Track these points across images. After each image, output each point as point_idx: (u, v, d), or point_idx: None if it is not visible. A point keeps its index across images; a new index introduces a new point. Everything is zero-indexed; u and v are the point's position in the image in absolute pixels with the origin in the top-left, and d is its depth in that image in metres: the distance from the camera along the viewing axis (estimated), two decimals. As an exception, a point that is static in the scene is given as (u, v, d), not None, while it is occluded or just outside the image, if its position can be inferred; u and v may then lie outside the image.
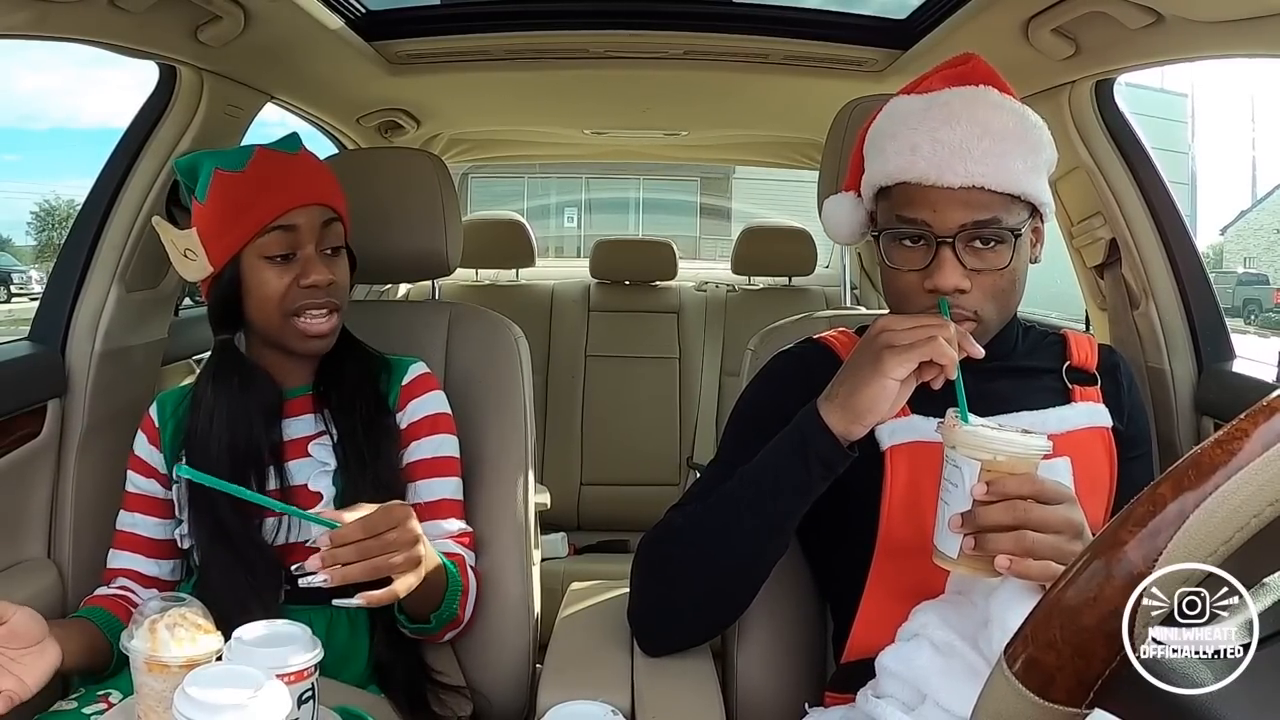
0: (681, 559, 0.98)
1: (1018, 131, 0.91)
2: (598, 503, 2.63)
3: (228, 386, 1.12)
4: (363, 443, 1.13)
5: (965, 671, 0.83)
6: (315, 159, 1.17)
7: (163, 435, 1.17)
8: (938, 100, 0.92)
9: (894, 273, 0.94)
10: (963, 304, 0.92)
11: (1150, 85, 12.89)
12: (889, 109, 0.97)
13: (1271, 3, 1.04)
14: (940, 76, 0.96)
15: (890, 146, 0.92)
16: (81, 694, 1.02)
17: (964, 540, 0.80)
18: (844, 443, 0.89)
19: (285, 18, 1.35)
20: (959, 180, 0.88)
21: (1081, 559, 0.44)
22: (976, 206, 0.89)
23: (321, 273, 1.10)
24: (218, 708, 0.70)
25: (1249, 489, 0.41)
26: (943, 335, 0.86)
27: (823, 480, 0.91)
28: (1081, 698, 0.43)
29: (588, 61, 1.78)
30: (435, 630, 1.11)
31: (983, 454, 0.80)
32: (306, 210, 1.10)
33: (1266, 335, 10.61)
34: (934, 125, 0.90)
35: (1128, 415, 1.03)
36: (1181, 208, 1.50)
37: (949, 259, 0.90)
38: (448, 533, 1.15)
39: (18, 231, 18.23)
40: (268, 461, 1.11)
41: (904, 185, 0.92)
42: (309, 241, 1.10)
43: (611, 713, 0.89)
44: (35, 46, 2.50)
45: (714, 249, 9.13)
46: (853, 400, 0.88)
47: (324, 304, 1.11)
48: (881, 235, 0.95)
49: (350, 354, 1.19)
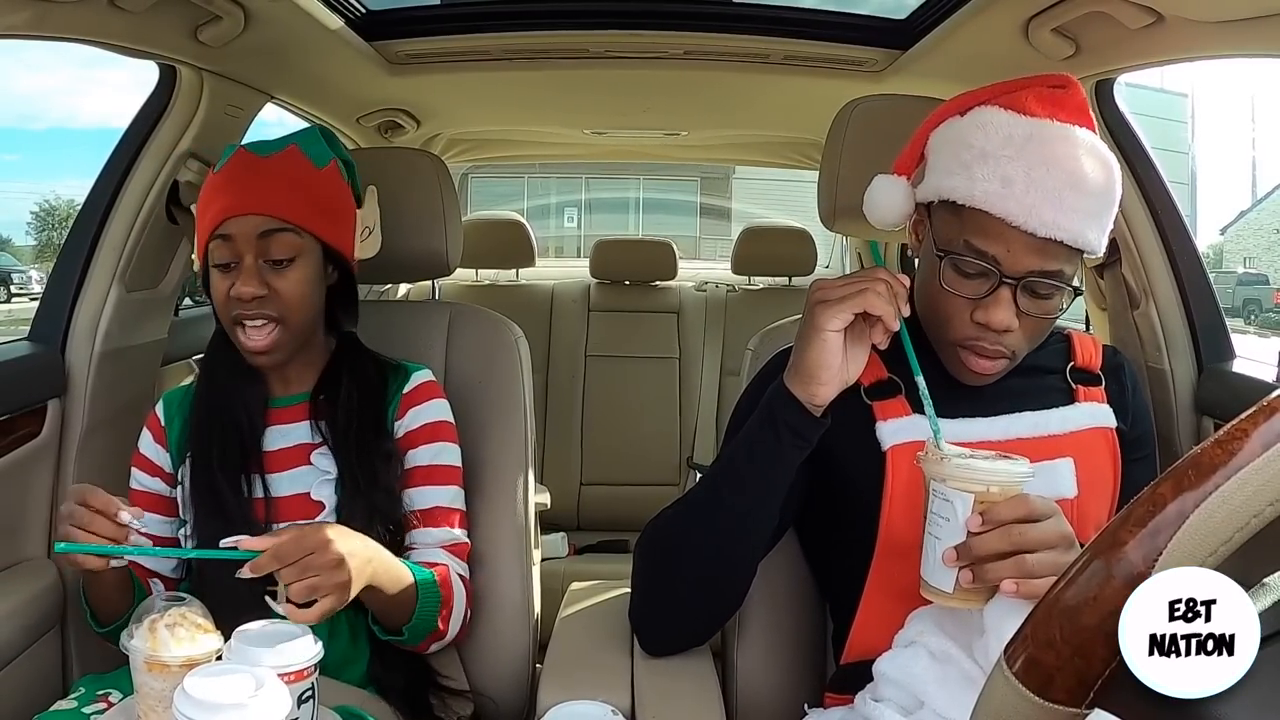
0: (671, 548, 0.98)
1: (1106, 187, 0.88)
2: (598, 503, 2.63)
3: (214, 382, 1.15)
4: (357, 468, 1.11)
5: (961, 679, 0.83)
6: (288, 161, 1.12)
7: (169, 434, 1.17)
8: (1040, 132, 0.87)
9: (944, 293, 0.92)
10: (1004, 341, 0.91)
11: (1150, 85, 12.88)
12: (981, 118, 0.90)
13: (1271, 3, 1.04)
14: (1037, 96, 0.89)
15: (979, 168, 0.87)
16: (81, 694, 1.02)
17: (960, 574, 0.79)
18: (812, 409, 0.89)
19: (285, 18, 1.35)
20: (1044, 230, 0.85)
21: (1081, 559, 0.44)
22: (1048, 256, 0.87)
23: (250, 285, 1.06)
24: (218, 707, 0.70)
25: (1249, 489, 0.41)
26: (873, 289, 0.85)
27: (794, 449, 0.91)
28: (1081, 698, 0.42)
29: (588, 61, 1.78)
30: (412, 642, 1.10)
31: (975, 486, 0.79)
32: (242, 220, 1.07)
33: (1266, 335, 10.61)
34: (1032, 162, 0.85)
35: (1132, 417, 1.03)
36: (1181, 208, 1.49)
37: (1007, 299, 0.88)
38: (437, 541, 1.14)
39: (18, 231, 18.26)
40: (253, 470, 1.11)
41: (983, 213, 0.87)
42: (247, 252, 1.07)
43: (611, 713, 0.89)
44: (34, 46, 2.49)
45: (714, 249, 9.14)
46: (801, 362, 0.89)
47: (256, 315, 1.08)
48: (945, 258, 0.90)
49: (351, 367, 1.17)
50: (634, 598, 1.05)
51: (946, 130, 0.93)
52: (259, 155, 1.11)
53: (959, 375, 0.96)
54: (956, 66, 1.55)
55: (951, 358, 0.95)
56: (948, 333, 0.93)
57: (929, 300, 0.95)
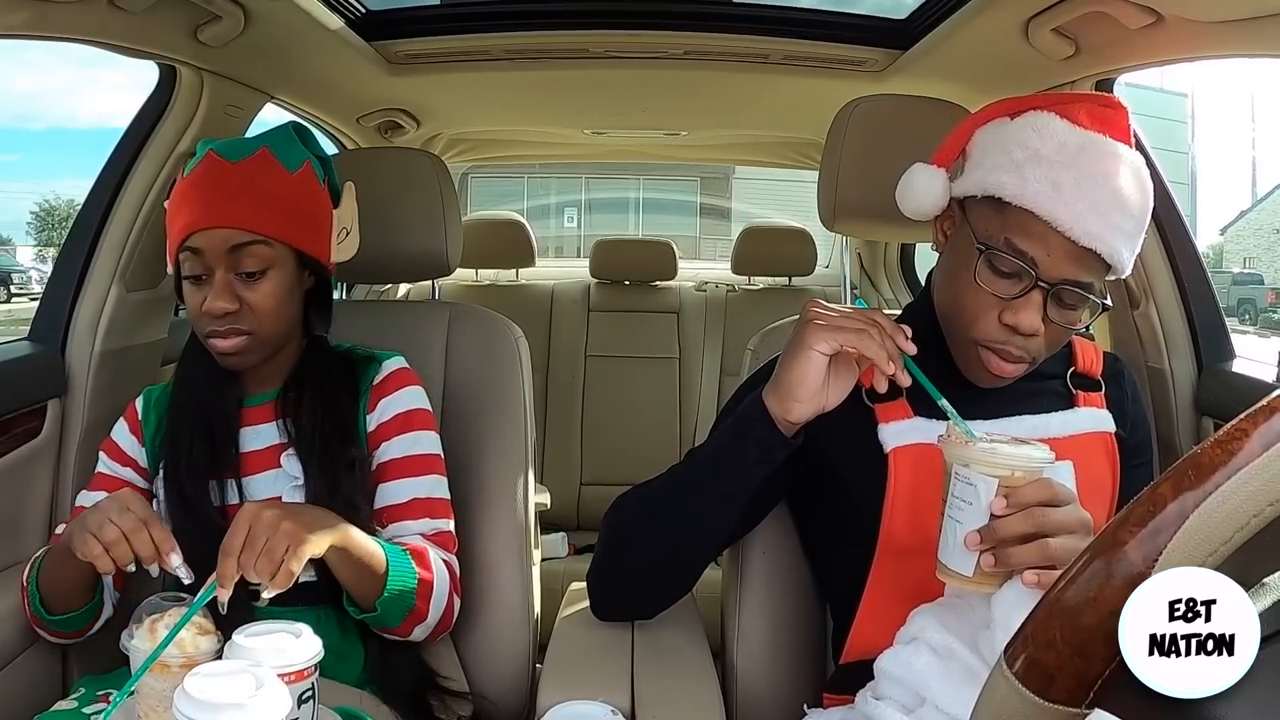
0: (626, 531, 1.01)
1: (1143, 210, 0.89)
2: (598, 503, 2.62)
3: (192, 386, 1.12)
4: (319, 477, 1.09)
5: (964, 674, 0.83)
6: (258, 168, 1.08)
7: (145, 428, 1.15)
8: (1094, 146, 0.88)
9: (975, 289, 0.91)
10: (1025, 346, 0.91)
11: (1150, 85, 12.91)
12: (1034, 122, 0.90)
13: (1271, 3, 1.04)
14: (1089, 112, 0.90)
15: (1031, 169, 0.87)
16: (81, 694, 1.02)
17: (982, 557, 0.79)
18: (783, 428, 0.89)
19: (285, 18, 1.35)
20: (1086, 240, 0.86)
21: (1081, 559, 0.44)
22: (1084, 267, 0.88)
23: (222, 299, 1.04)
24: (218, 707, 0.70)
25: (1249, 489, 0.41)
26: (869, 332, 0.85)
27: (760, 463, 0.91)
28: (1081, 698, 0.42)
29: (588, 61, 1.78)
30: (391, 623, 1.05)
31: (1000, 470, 0.78)
32: (211, 234, 1.04)
33: (1267, 335, 10.61)
34: (1083, 172, 0.86)
35: (1131, 423, 1.03)
36: (1181, 208, 1.50)
37: (1037, 304, 0.89)
38: (415, 532, 1.12)
39: (18, 231, 18.27)
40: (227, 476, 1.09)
41: (1028, 214, 0.87)
42: (217, 266, 1.05)
43: (611, 713, 0.89)
44: (32, 47, 2.49)
45: (714, 249, 9.15)
46: (782, 377, 0.89)
47: (229, 331, 1.06)
48: (985, 253, 0.90)
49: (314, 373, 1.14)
50: (593, 564, 1.06)
51: (996, 129, 0.93)
52: (229, 160, 1.07)
53: (973, 375, 0.95)
54: (956, 66, 1.55)
55: (970, 356, 0.95)
56: (971, 330, 0.93)
57: (955, 295, 0.94)
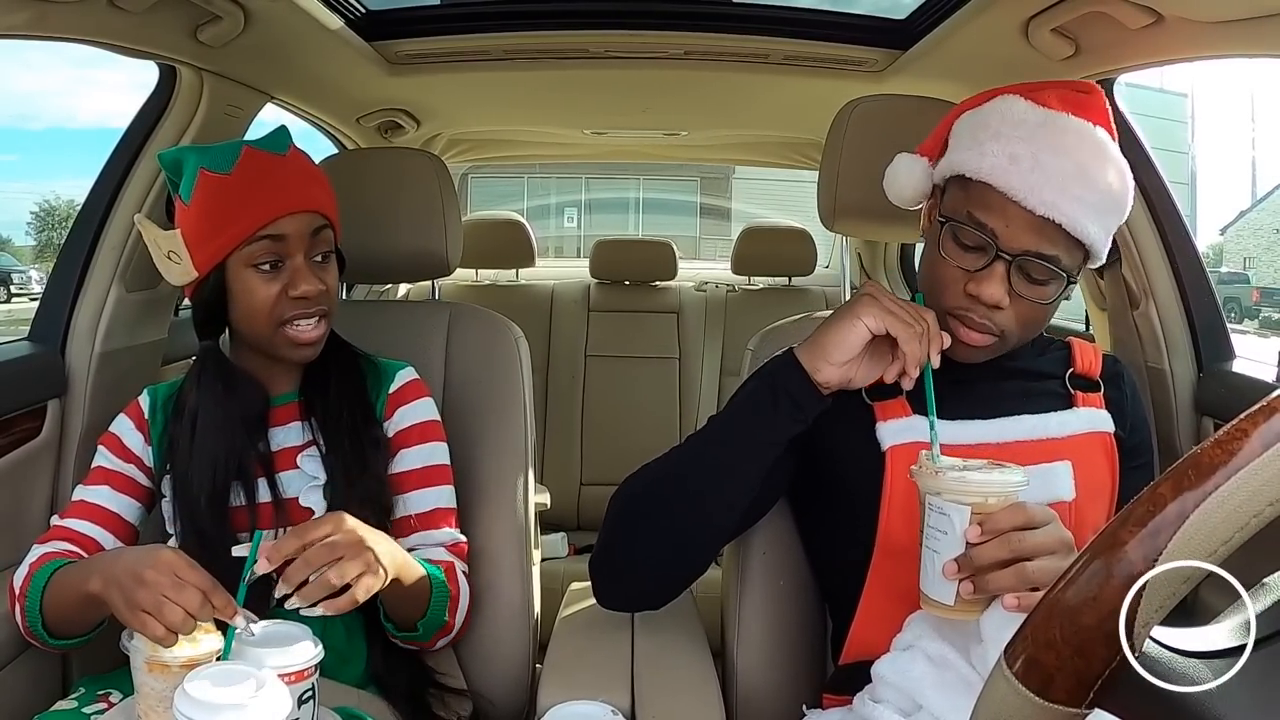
0: (642, 495, 0.97)
1: (1112, 186, 0.90)
2: (598, 503, 2.61)
3: (212, 393, 1.09)
4: (349, 455, 1.10)
5: (959, 683, 0.84)
6: (306, 160, 1.12)
7: (151, 429, 1.14)
8: (1054, 121, 0.90)
9: (941, 261, 0.94)
10: (993, 319, 0.92)
11: (1150, 85, 12.90)
12: (1000, 106, 0.94)
13: (1271, 3, 1.04)
14: (1059, 95, 0.93)
15: (991, 145, 0.90)
16: (81, 694, 1.02)
17: (961, 586, 0.79)
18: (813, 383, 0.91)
19: (285, 18, 1.35)
20: (1042, 209, 0.87)
21: (1081, 559, 0.44)
22: (1045, 238, 0.89)
23: (312, 283, 1.07)
24: (218, 708, 0.70)
25: (1249, 489, 0.41)
26: (916, 327, 0.89)
27: (789, 419, 0.91)
28: (1081, 698, 0.42)
29: (588, 61, 1.78)
30: (425, 638, 1.10)
31: (972, 498, 0.79)
32: (295, 218, 1.06)
33: (1266, 335, 10.63)
34: (1040, 146, 0.88)
35: (1130, 424, 1.03)
36: (1181, 208, 1.49)
37: (1000, 274, 0.90)
38: (438, 542, 1.14)
39: (18, 231, 18.27)
40: (258, 474, 1.09)
41: (988, 187, 0.90)
42: (298, 250, 1.06)
43: (611, 713, 0.89)
44: (32, 47, 2.48)
45: (714, 249, 9.14)
46: (820, 338, 0.91)
47: (314, 312, 1.09)
48: (946, 225, 0.93)
49: (336, 359, 1.16)
50: (597, 547, 1.02)
51: (969, 116, 0.96)
52: (279, 154, 1.09)
53: (950, 350, 0.95)
54: (956, 66, 1.55)
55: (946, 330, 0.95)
56: (941, 300, 0.95)
57: (929, 270, 0.97)
